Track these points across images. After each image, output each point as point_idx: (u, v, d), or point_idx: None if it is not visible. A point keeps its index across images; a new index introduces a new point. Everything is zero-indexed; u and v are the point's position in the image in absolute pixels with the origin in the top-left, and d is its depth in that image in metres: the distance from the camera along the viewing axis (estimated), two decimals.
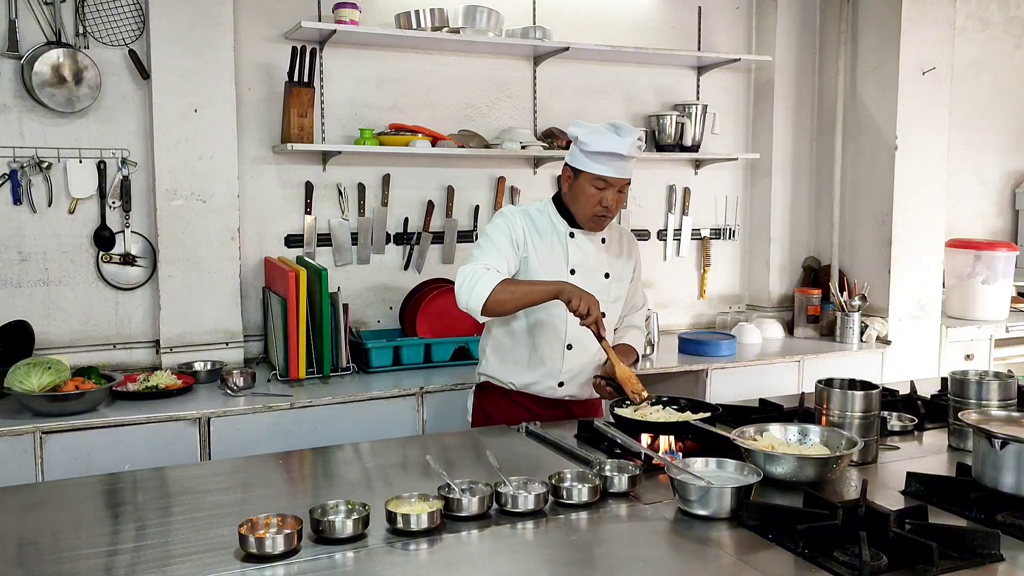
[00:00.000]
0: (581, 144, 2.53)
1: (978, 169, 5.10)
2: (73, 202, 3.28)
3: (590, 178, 2.53)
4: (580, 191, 2.56)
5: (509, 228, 2.59)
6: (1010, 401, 2.27)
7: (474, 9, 3.68)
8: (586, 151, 2.52)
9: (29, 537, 1.77)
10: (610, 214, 2.59)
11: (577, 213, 2.61)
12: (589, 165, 2.52)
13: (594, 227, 2.63)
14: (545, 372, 2.64)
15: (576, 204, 2.59)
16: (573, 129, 2.58)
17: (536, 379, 2.65)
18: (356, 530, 1.67)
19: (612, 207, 2.56)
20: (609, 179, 2.52)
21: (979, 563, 1.57)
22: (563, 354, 2.63)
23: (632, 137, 2.51)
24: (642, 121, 4.24)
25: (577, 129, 2.57)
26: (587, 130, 2.54)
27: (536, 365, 2.64)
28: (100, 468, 2.63)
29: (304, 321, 3.20)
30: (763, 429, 2.13)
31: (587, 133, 2.52)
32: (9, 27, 3.13)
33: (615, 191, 2.55)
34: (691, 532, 1.74)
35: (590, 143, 2.50)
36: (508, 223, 2.60)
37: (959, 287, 4.54)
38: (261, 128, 3.55)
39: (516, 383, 2.66)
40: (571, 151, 2.60)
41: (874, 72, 4.20)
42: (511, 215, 2.63)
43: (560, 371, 2.64)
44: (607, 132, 2.52)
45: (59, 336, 3.30)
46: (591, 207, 2.55)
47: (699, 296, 4.51)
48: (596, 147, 2.49)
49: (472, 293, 2.43)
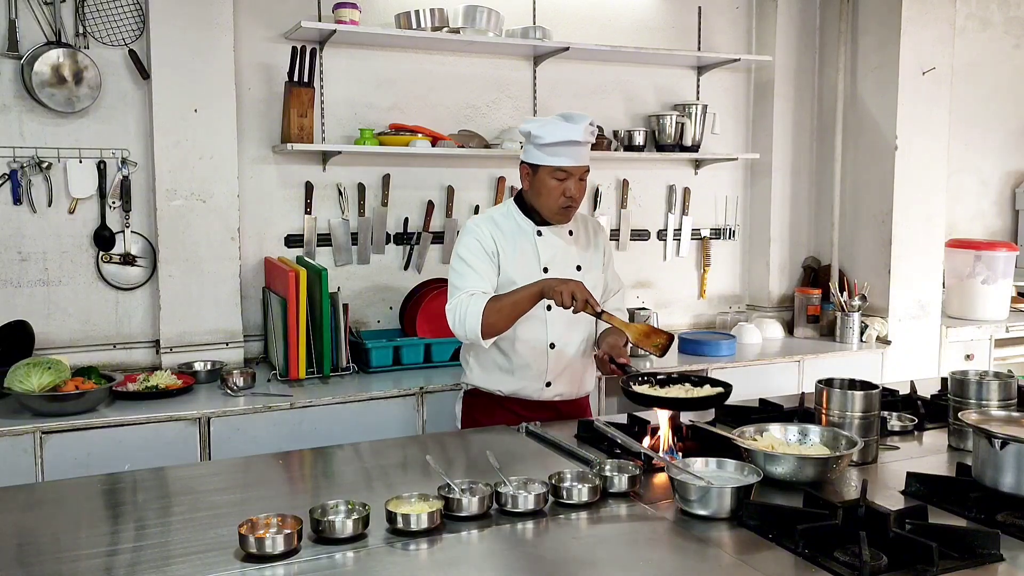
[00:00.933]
0: (535, 139, 2.54)
1: (978, 169, 5.10)
2: (73, 202, 3.28)
3: (549, 171, 2.54)
4: (541, 186, 2.57)
5: (479, 242, 2.58)
6: (1010, 401, 2.27)
7: (474, 9, 3.68)
8: (540, 144, 2.52)
9: (29, 537, 1.76)
10: (575, 204, 2.59)
11: (542, 208, 2.61)
12: (546, 158, 2.53)
13: (562, 219, 2.63)
14: (531, 375, 2.64)
15: (540, 200, 2.59)
16: (524, 126, 2.59)
17: (523, 384, 2.64)
18: (356, 530, 1.67)
19: (576, 196, 2.58)
20: (568, 168, 2.53)
21: (979, 563, 1.57)
22: (547, 354, 2.63)
23: (584, 122, 2.52)
24: (642, 121, 4.24)
25: (527, 125, 2.57)
26: (538, 124, 2.55)
27: (521, 369, 2.63)
28: (100, 468, 2.63)
29: (304, 321, 3.20)
30: (763, 429, 2.13)
31: (539, 127, 2.53)
32: (9, 27, 3.13)
33: (576, 180, 2.56)
34: (691, 532, 1.74)
35: (543, 135, 2.51)
36: (477, 237, 2.59)
37: (959, 287, 4.54)
38: (261, 128, 3.55)
39: (503, 390, 2.66)
40: (525, 149, 2.61)
41: (874, 72, 4.20)
42: (477, 227, 2.62)
43: (546, 371, 2.64)
44: (558, 121, 2.53)
45: (59, 336, 3.30)
46: (555, 199, 2.56)
47: (699, 296, 4.51)
48: (550, 138, 2.50)
49: (466, 327, 2.46)
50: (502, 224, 2.64)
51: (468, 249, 2.58)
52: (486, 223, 2.63)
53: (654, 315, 3.90)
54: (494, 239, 2.60)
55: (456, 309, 2.49)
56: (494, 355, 2.64)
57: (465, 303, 2.47)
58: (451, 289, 2.59)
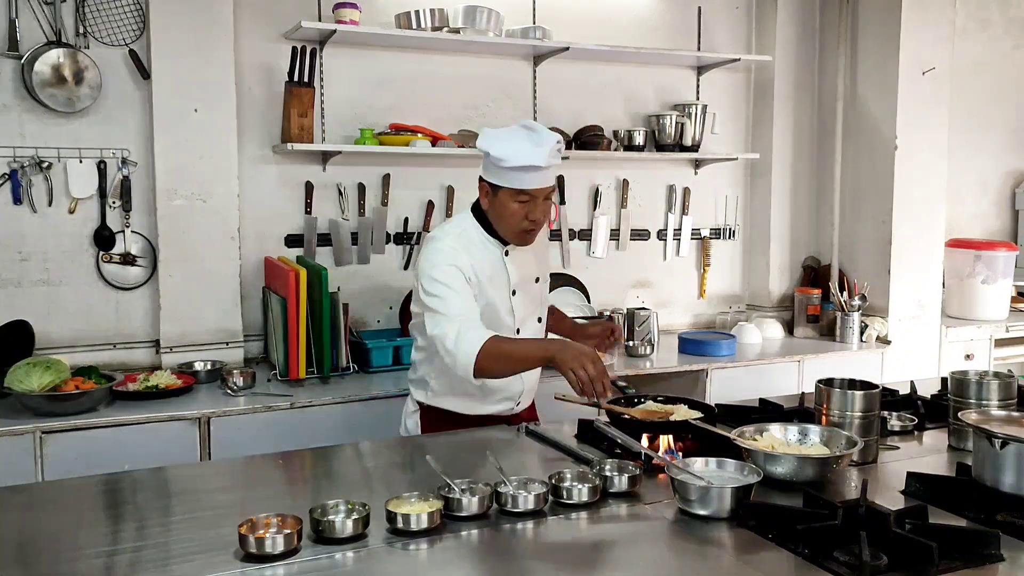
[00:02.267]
0: (494, 159, 2.30)
1: (978, 169, 5.10)
2: (73, 202, 3.28)
3: (511, 193, 2.33)
4: (503, 208, 2.36)
5: (457, 268, 2.35)
6: (1010, 401, 2.27)
7: (474, 9, 3.68)
8: (500, 166, 2.30)
9: (29, 537, 1.76)
10: (538, 227, 2.40)
11: (503, 230, 2.41)
12: (507, 180, 2.31)
13: (524, 242, 2.44)
14: (501, 398, 2.55)
15: (500, 222, 2.39)
16: (482, 143, 2.34)
17: (494, 408, 2.54)
18: (356, 530, 1.67)
19: (540, 219, 2.38)
20: (531, 191, 2.33)
21: (979, 563, 1.57)
22: (521, 379, 2.53)
23: (548, 145, 2.30)
24: (642, 121, 4.24)
25: (487, 143, 2.33)
26: (499, 142, 2.31)
27: (490, 394, 2.52)
28: (100, 468, 2.61)
29: (304, 321, 3.20)
30: (763, 429, 2.13)
31: (500, 147, 2.29)
32: (9, 27, 3.13)
33: (541, 201, 2.35)
34: (691, 532, 1.74)
35: (505, 158, 2.28)
36: (453, 263, 2.35)
37: (959, 287, 4.54)
38: (261, 128, 3.55)
39: (470, 414, 2.53)
40: (484, 163, 2.38)
41: (874, 72, 4.20)
42: (453, 252, 2.37)
43: (519, 394, 2.56)
44: (521, 141, 2.31)
45: (59, 336, 3.30)
46: (517, 223, 2.36)
47: (699, 296, 4.51)
48: (512, 162, 2.28)
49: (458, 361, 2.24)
50: (473, 243, 2.43)
51: (446, 274, 2.34)
52: (460, 246, 2.39)
53: (654, 315, 3.91)
54: (471, 261, 2.39)
55: (449, 337, 2.25)
56: (461, 382, 2.42)
57: (464, 331, 2.24)
58: (435, 316, 2.32)
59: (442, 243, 2.40)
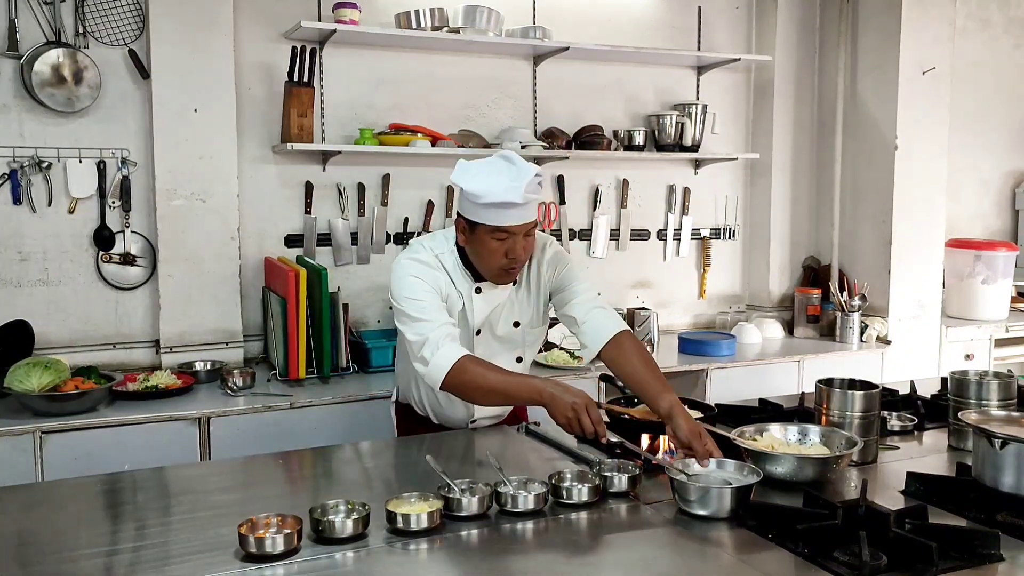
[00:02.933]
0: (469, 195, 2.17)
1: (978, 169, 5.10)
2: (73, 202, 3.28)
3: (488, 230, 2.19)
4: (481, 246, 2.22)
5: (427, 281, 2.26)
6: (1010, 401, 2.28)
7: (474, 9, 3.68)
8: (475, 202, 2.17)
9: (29, 537, 1.76)
10: (519, 264, 2.26)
11: (481, 268, 2.29)
12: (483, 216, 2.17)
13: (503, 281, 2.32)
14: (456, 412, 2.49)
15: (478, 259, 2.27)
16: (455, 177, 2.21)
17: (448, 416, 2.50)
18: (356, 530, 1.67)
19: (521, 257, 2.24)
20: (510, 228, 2.19)
21: (979, 563, 1.57)
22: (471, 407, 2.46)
23: (526, 180, 2.14)
24: (642, 121, 4.24)
25: (461, 178, 2.20)
26: (473, 177, 2.18)
27: (449, 407, 2.47)
28: (100, 468, 2.63)
29: (304, 321, 3.20)
30: (763, 429, 2.13)
31: (474, 181, 2.16)
32: (9, 27, 3.13)
33: (521, 237, 2.21)
34: (691, 532, 1.74)
35: (480, 194, 2.14)
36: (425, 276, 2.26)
37: (959, 287, 4.54)
38: (261, 128, 3.55)
39: (431, 415, 2.52)
40: (459, 199, 2.26)
41: (874, 72, 4.20)
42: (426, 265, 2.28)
43: (474, 413, 2.51)
44: (497, 174, 2.17)
45: (59, 336, 3.30)
46: (496, 261, 2.23)
47: (699, 296, 4.51)
48: (487, 199, 2.14)
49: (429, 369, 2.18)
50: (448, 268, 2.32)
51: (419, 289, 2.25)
52: (436, 265, 2.30)
53: (654, 315, 3.90)
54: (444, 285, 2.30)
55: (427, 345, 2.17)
56: (421, 385, 2.42)
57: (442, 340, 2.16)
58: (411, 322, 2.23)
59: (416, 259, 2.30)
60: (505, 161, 2.22)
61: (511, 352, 2.47)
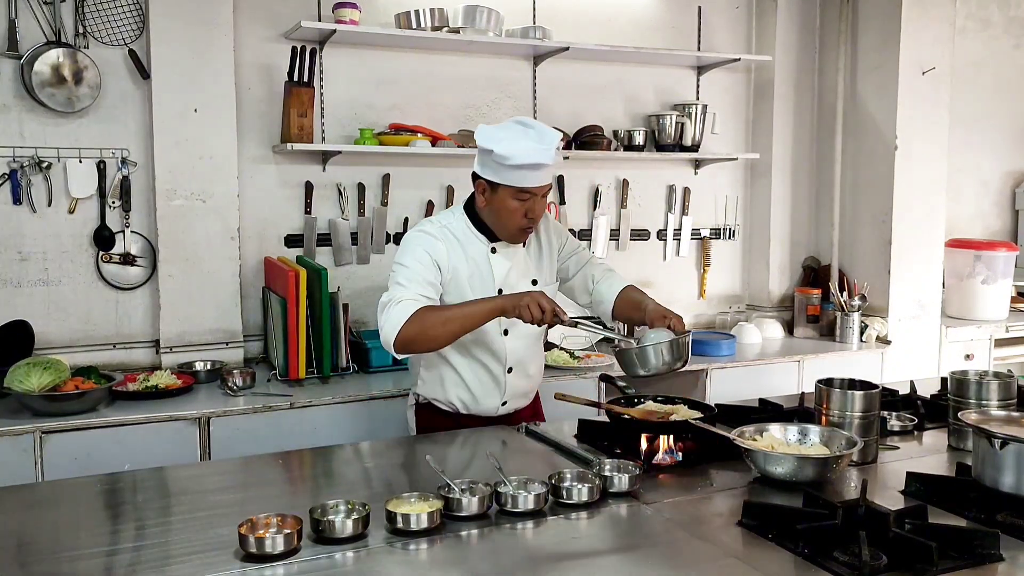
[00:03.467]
0: (498, 157, 2.27)
1: (978, 169, 5.10)
2: (73, 202, 3.28)
3: (512, 191, 2.32)
4: (501, 205, 2.35)
5: (428, 251, 2.37)
6: (1010, 401, 2.27)
7: (474, 9, 3.68)
8: (504, 164, 2.28)
9: (29, 537, 1.76)
10: (535, 224, 2.42)
11: (499, 229, 2.42)
12: (509, 178, 2.30)
13: (519, 239, 2.46)
14: (488, 395, 2.53)
15: (498, 219, 2.39)
16: (483, 141, 2.31)
17: (479, 403, 2.53)
18: (356, 530, 1.67)
19: (537, 217, 2.39)
20: (532, 189, 2.32)
21: (979, 563, 1.57)
22: (504, 376, 2.52)
23: (553, 143, 2.30)
24: (642, 121, 4.24)
25: (488, 141, 2.30)
26: (501, 140, 2.29)
27: (477, 389, 2.51)
28: (100, 468, 2.63)
29: (304, 321, 3.20)
30: (763, 429, 2.13)
31: (503, 144, 2.27)
32: (9, 27, 3.13)
33: (539, 199, 2.36)
34: (691, 532, 1.74)
35: (509, 155, 2.26)
36: (427, 245, 2.38)
37: (959, 287, 4.54)
38: (261, 128, 3.55)
39: (458, 407, 2.54)
40: (481, 161, 2.36)
41: (874, 72, 4.20)
42: (430, 235, 2.40)
43: (503, 393, 2.55)
44: (523, 139, 2.29)
45: (59, 336, 3.30)
46: (515, 221, 2.37)
47: (699, 296, 4.51)
48: (517, 160, 2.26)
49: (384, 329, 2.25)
50: (458, 236, 2.44)
51: (413, 255, 2.36)
52: (442, 235, 2.41)
53: None
54: (448, 253, 2.40)
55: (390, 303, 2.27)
56: (447, 372, 2.50)
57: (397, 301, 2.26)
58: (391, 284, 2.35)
59: (423, 230, 2.43)
60: (523, 126, 2.34)
61: None
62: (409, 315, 2.23)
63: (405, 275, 2.34)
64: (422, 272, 2.35)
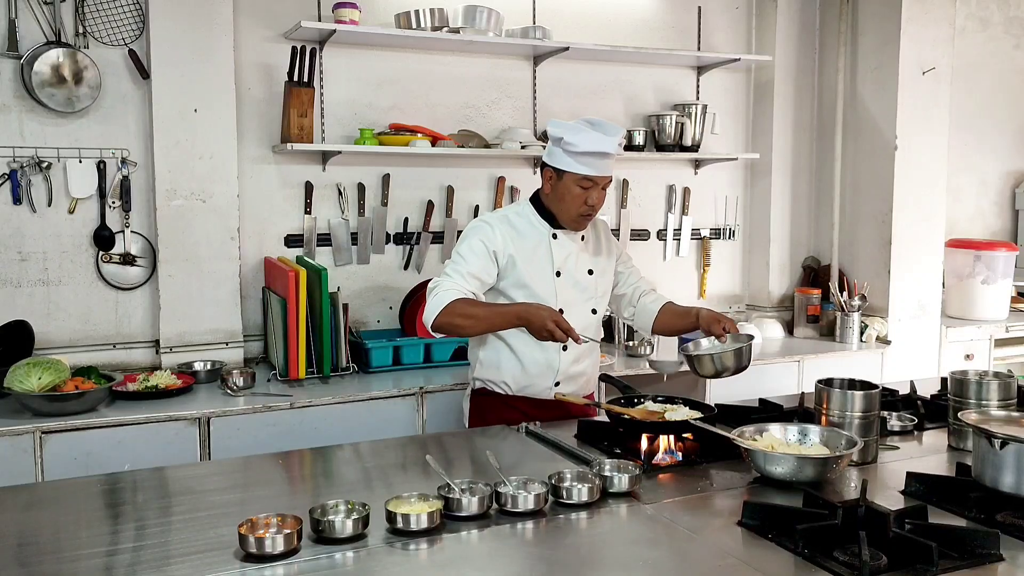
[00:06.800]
0: (566, 145, 2.50)
1: (978, 169, 5.10)
2: (73, 202, 3.28)
3: (576, 179, 2.52)
4: (566, 192, 2.55)
5: (484, 240, 2.56)
6: (1010, 401, 2.27)
7: (474, 9, 3.68)
8: (572, 152, 2.49)
9: (29, 537, 1.77)
10: (594, 212, 2.60)
11: (561, 214, 2.60)
12: (574, 165, 2.50)
13: (580, 227, 2.64)
14: (541, 374, 2.63)
15: (561, 205, 2.58)
16: (555, 130, 2.54)
17: (531, 382, 2.63)
18: (356, 530, 1.67)
19: (597, 205, 2.58)
20: (595, 178, 2.52)
21: (979, 563, 1.57)
22: (559, 355, 2.62)
23: (618, 136, 2.53)
24: (642, 121, 4.24)
25: (558, 130, 2.53)
26: (570, 130, 2.51)
27: (531, 367, 2.62)
28: (100, 468, 2.63)
29: (304, 321, 3.20)
30: (763, 429, 2.13)
31: (572, 133, 2.50)
32: (9, 27, 3.13)
33: (600, 189, 2.56)
34: (691, 532, 1.74)
35: (577, 143, 2.48)
36: (484, 234, 2.57)
37: (959, 287, 4.54)
38: (261, 128, 3.55)
39: (512, 387, 2.65)
40: (550, 152, 2.57)
41: (874, 72, 4.20)
42: (488, 223, 2.60)
43: (557, 372, 2.63)
44: (591, 131, 2.50)
45: (59, 336, 3.30)
46: (577, 207, 2.55)
47: (699, 296, 4.50)
48: (584, 147, 2.47)
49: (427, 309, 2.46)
50: (517, 223, 2.62)
51: (470, 245, 2.56)
52: (500, 223, 2.60)
53: None
54: (504, 237, 2.57)
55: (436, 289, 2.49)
56: (504, 352, 2.63)
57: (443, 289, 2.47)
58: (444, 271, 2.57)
59: (484, 220, 2.63)
60: (590, 122, 2.55)
61: (587, 303, 2.69)
62: (445, 305, 2.43)
63: (455, 265, 2.54)
64: (473, 262, 2.53)
